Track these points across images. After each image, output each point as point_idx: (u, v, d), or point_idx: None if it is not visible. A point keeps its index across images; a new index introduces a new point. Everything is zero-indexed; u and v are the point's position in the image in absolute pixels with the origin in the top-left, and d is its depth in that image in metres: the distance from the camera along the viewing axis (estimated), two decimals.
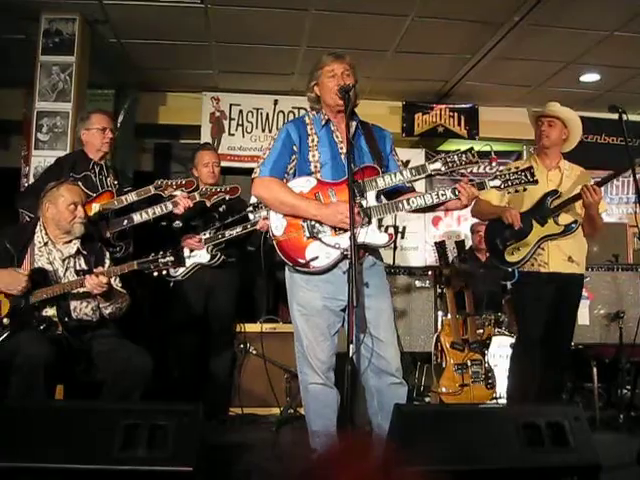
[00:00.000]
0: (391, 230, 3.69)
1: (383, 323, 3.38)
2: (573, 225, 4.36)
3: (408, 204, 3.34)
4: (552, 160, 4.54)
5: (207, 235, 4.84)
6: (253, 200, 4.58)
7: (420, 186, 6.57)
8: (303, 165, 3.36)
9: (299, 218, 3.29)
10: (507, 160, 7.18)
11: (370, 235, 3.27)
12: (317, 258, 3.25)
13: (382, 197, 3.40)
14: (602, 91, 7.32)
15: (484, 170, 6.60)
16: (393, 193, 3.46)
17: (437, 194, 3.33)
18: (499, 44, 6.13)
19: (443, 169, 3.33)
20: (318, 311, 3.33)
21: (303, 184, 3.32)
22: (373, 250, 3.42)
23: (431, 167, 3.33)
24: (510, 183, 3.35)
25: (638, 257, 7.00)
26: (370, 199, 3.30)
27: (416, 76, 7.10)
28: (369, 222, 3.26)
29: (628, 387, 5.45)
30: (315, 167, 3.35)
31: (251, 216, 4.79)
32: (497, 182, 3.35)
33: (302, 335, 3.40)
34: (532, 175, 3.33)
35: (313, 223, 3.27)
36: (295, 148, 3.36)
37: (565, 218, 4.38)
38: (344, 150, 3.34)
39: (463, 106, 7.79)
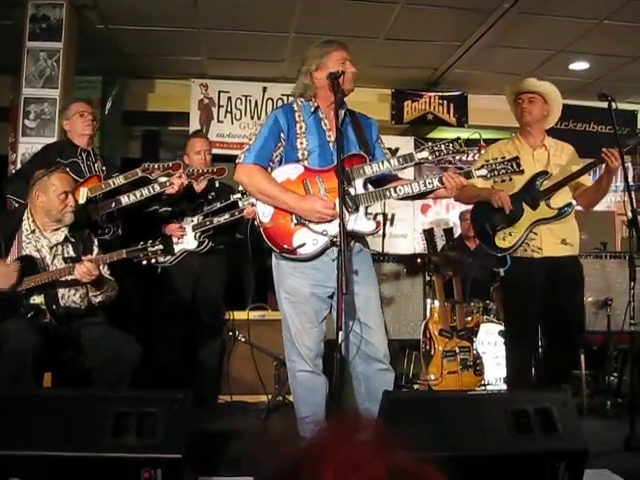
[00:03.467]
0: (379, 218, 3.69)
1: (371, 309, 3.40)
2: (567, 208, 4.23)
3: (395, 192, 3.37)
4: (536, 138, 4.40)
5: (195, 221, 4.83)
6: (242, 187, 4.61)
7: (409, 173, 6.58)
8: (290, 152, 3.36)
9: None
10: None
11: (358, 223, 3.28)
12: (304, 245, 3.25)
13: (369, 185, 3.42)
14: (591, 79, 7.34)
15: (472, 158, 6.60)
16: (379, 181, 3.47)
17: (424, 182, 3.37)
18: (488, 32, 6.13)
19: (430, 158, 3.38)
20: (305, 298, 3.33)
21: (290, 171, 3.32)
22: (360, 237, 3.42)
23: (418, 156, 3.37)
24: (496, 172, 3.40)
25: (626, 245, 7.03)
26: (358, 187, 3.31)
27: (405, 64, 7.09)
28: (357, 210, 3.27)
29: (616, 374, 5.49)
30: (302, 155, 3.34)
31: (240, 203, 4.79)
32: (484, 171, 3.40)
33: (290, 322, 3.40)
34: (518, 165, 3.38)
35: None
36: (282, 135, 3.34)
37: (558, 200, 4.25)
38: (332, 138, 3.35)
39: (452, 94, 7.79)
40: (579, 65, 6.99)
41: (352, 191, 3.28)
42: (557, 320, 4.30)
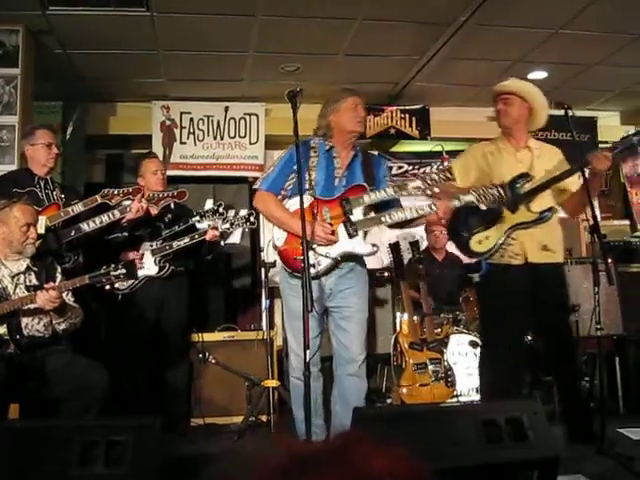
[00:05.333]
0: (376, 242, 3.93)
1: (354, 318, 3.86)
2: (547, 213, 4.06)
3: (390, 217, 3.76)
4: (519, 140, 4.26)
5: (154, 246, 4.78)
6: (209, 206, 4.69)
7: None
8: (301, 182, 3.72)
9: None
10: None
11: (357, 246, 3.74)
12: (312, 265, 3.59)
13: (372, 212, 3.84)
14: (551, 88, 7.38)
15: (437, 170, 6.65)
16: (384, 207, 3.86)
17: (416, 209, 3.76)
18: (446, 45, 6.16)
19: (422, 186, 3.68)
20: (299, 315, 3.55)
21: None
22: (355, 257, 3.85)
23: (411, 185, 3.72)
24: (484, 199, 3.69)
25: (591, 250, 7.11)
26: (357, 214, 3.73)
27: (366, 79, 7.10)
28: (356, 234, 3.70)
29: (586, 379, 5.54)
30: (310, 185, 3.79)
31: (199, 225, 4.78)
32: (471, 197, 3.71)
33: (288, 336, 3.99)
34: (503, 194, 3.69)
35: None
36: (295, 167, 3.65)
37: (538, 204, 4.09)
38: (340, 174, 3.87)
39: (414, 107, 7.81)
40: (538, 74, 7.04)
41: (353, 218, 3.72)
42: (547, 316, 4.17)
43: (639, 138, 4.01)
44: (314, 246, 3.66)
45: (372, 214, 3.82)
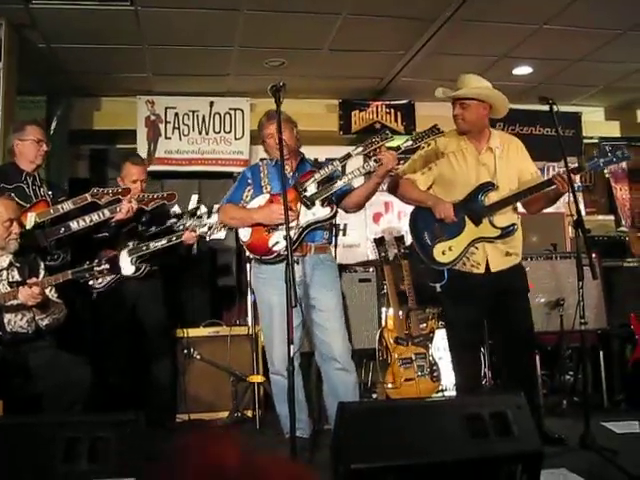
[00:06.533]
0: (333, 205, 4.02)
1: (330, 314, 4.05)
2: (511, 228, 4.06)
3: (342, 181, 4.02)
4: (481, 142, 4.20)
5: (130, 246, 4.74)
6: (194, 201, 4.98)
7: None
8: (258, 191, 4.19)
9: None
10: None
11: (316, 212, 3.99)
12: (278, 242, 3.97)
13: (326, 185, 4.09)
14: (535, 83, 7.43)
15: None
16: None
17: (363, 167, 4.00)
18: (431, 40, 6.17)
19: (365, 151, 4.01)
20: (273, 307, 3.97)
21: (260, 200, 4.14)
22: (325, 248, 4.16)
23: (355, 152, 4.03)
24: (420, 139, 3.99)
25: (575, 245, 7.14)
26: (310, 189, 4.03)
27: (351, 74, 7.11)
28: (313, 204, 3.99)
29: (571, 373, 5.57)
30: (266, 189, 4.17)
31: (176, 227, 4.78)
32: (409, 142, 3.98)
33: (264, 330, 4.20)
34: (438, 129, 3.97)
35: None
36: (249, 181, 4.23)
37: (502, 219, 4.09)
38: (291, 175, 4.16)
39: (399, 102, 7.82)
40: (522, 70, 7.07)
41: (307, 194, 4.01)
42: (507, 328, 4.20)
43: (604, 160, 4.01)
44: (276, 227, 3.97)
45: (326, 185, 4.05)
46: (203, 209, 4.83)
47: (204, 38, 6.05)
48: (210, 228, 4.76)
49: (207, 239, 4.82)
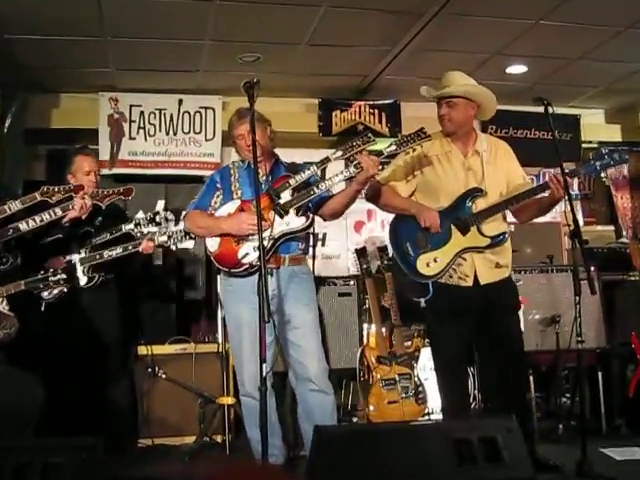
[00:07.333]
0: (309, 214, 4.03)
1: (305, 332, 4.04)
2: (502, 237, 4.07)
3: (318, 188, 3.97)
4: (467, 144, 4.21)
5: (82, 254, 4.67)
6: (140, 215, 4.77)
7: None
8: (228, 196, 4.16)
9: None
10: None
11: (291, 222, 3.96)
12: (247, 254, 3.93)
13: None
14: (530, 83, 7.47)
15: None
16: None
17: (342, 173, 3.97)
18: (419, 35, 6.18)
19: (344, 154, 3.93)
20: (242, 324, 3.99)
21: (229, 207, 4.11)
22: (296, 259, 4.13)
23: (334, 156, 3.98)
24: (405, 144, 3.93)
25: (571, 257, 7.16)
26: (284, 197, 3.97)
27: (332, 71, 7.11)
28: (287, 213, 3.93)
29: (567, 395, 5.57)
30: (237, 194, 4.15)
31: (133, 234, 4.70)
32: (393, 147, 3.94)
33: (234, 349, 4.22)
34: (425, 133, 3.90)
35: None
36: (219, 185, 4.21)
37: (491, 228, 4.08)
38: (264, 179, 4.12)
39: (384, 102, 7.83)
40: (516, 68, 7.10)
41: (281, 201, 3.95)
42: (496, 346, 4.18)
43: (601, 162, 4.04)
44: (246, 238, 3.94)
45: (302, 192, 4.01)
46: (163, 215, 4.75)
47: (173, 30, 6.02)
48: (170, 237, 4.68)
49: (173, 248, 4.76)
